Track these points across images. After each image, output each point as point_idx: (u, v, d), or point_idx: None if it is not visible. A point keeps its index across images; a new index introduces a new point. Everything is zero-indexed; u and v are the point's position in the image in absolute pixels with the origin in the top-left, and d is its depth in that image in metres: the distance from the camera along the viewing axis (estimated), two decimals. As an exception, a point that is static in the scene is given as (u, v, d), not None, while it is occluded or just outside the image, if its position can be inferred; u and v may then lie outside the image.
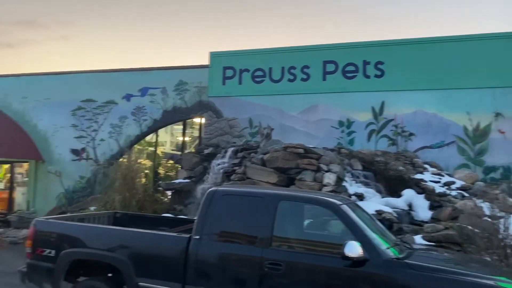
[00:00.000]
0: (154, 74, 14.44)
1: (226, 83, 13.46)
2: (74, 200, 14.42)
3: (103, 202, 11.61)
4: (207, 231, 4.62)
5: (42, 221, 5.31)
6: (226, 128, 13.33)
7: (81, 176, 14.61)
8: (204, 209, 4.71)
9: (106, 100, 14.71)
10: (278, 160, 9.33)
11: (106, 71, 15.00)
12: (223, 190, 4.89)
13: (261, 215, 4.54)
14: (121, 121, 14.54)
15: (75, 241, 4.99)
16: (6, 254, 9.91)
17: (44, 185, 14.95)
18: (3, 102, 15.82)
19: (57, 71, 15.59)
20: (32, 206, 14.78)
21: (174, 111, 14.13)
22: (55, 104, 15.14)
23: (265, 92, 13.01)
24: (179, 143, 18.42)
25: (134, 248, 4.77)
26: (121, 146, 14.42)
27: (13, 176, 15.82)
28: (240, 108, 13.19)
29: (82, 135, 14.82)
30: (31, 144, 15.04)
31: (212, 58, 13.62)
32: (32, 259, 5.09)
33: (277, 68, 12.99)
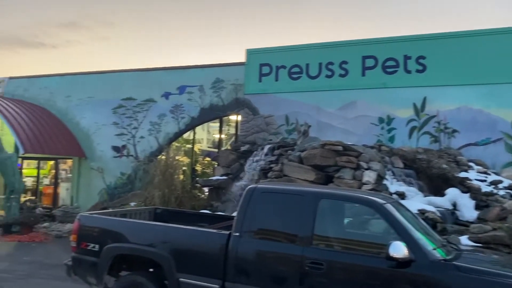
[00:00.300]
0: (192, 72, 14.59)
1: (262, 80, 13.42)
2: (115, 195, 14.80)
3: (143, 198, 11.86)
4: (247, 228, 4.59)
5: (86, 216, 5.45)
6: (262, 125, 13.30)
7: (122, 172, 14.98)
8: (243, 206, 4.69)
9: (145, 98, 15.00)
10: (315, 157, 9.21)
11: (146, 70, 15.29)
12: (262, 188, 4.85)
13: (302, 213, 4.47)
14: (160, 118, 14.80)
15: (118, 236, 5.09)
16: (52, 247, 10.30)
17: (87, 181, 15.44)
18: (49, 101, 16.45)
19: (99, 71, 16.04)
20: (76, 201, 15.29)
21: (211, 108, 14.23)
22: (97, 103, 15.59)
23: (302, 88, 12.89)
24: (215, 140, 18.58)
25: (175, 244, 4.81)
26: (160, 143, 14.69)
27: (57, 172, 16.44)
28: (276, 105, 13.13)
29: (122, 132, 15.19)
30: (75, 142, 15.56)
31: (249, 55, 13.62)
32: (77, 253, 5.24)
33: (314, 64, 12.83)
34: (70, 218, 13.50)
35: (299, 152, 9.66)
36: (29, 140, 13.58)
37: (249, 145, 12.18)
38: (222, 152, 12.61)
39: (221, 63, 14.31)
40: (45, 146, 14.06)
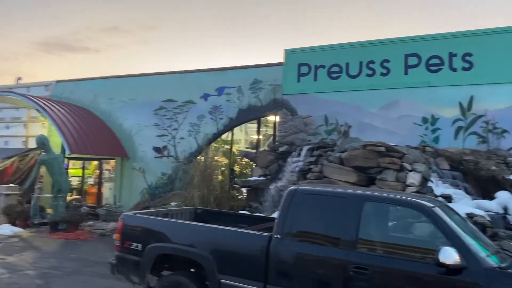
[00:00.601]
0: (230, 74, 14.67)
1: (301, 80, 13.28)
2: (156, 195, 15.10)
3: (183, 197, 12.04)
4: (288, 230, 4.53)
5: (129, 215, 5.55)
6: (300, 126, 13.16)
7: (162, 172, 15.26)
8: (284, 208, 4.62)
9: (185, 100, 15.22)
10: (357, 158, 9.00)
11: (185, 72, 15.51)
12: (304, 189, 4.77)
13: (345, 216, 4.36)
14: (199, 120, 14.97)
15: (160, 236, 5.16)
16: (96, 245, 10.62)
17: (129, 180, 15.83)
18: (93, 103, 17.01)
19: (140, 73, 16.44)
20: (118, 200, 15.72)
21: (249, 109, 14.25)
22: (139, 104, 15.97)
23: (342, 88, 12.64)
24: (253, 141, 18.60)
25: (217, 245, 4.81)
26: (199, 144, 14.85)
27: (101, 172, 16.97)
28: (315, 106, 12.95)
29: (163, 133, 15.48)
30: (118, 142, 16.00)
31: (287, 55, 13.52)
32: (121, 251, 5.34)
33: (355, 63, 12.56)
34: (113, 217, 13.89)
35: (339, 153, 9.48)
36: (75, 141, 14.07)
37: (288, 146, 12.07)
38: (260, 153, 12.57)
39: (259, 64, 14.29)
40: (89, 147, 14.54)
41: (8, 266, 8.07)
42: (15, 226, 12.28)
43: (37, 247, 10.06)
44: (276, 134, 13.87)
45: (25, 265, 8.18)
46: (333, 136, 12.36)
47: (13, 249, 9.64)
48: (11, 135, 18.75)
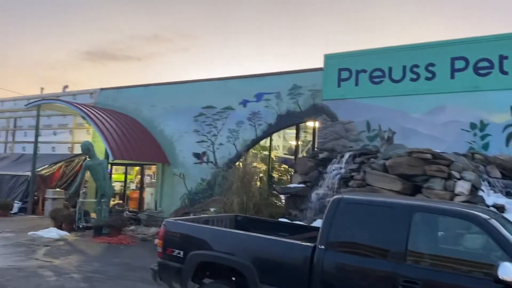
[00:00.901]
0: (269, 80, 14.63)
1: (341, 85, 13.05)
2: (196, 201, 15.22)
3: (222, 203, 12.05)
4: (333, 241, 4.37)
5: (171, 222, 5.55)
6: (341, 132, 12.90)
7: (202, 178, 15.38)
8: (329, 218, 4.47)
9: (224, 106, 15.30)
10: (402, 166, 8.68)
11: (224, 78, 15.62)
12: (349, 199, 4.59)
13: (393, 227, 4.16)
14: (238, 126, 15.00)
15: (201, 243, 5.12)
16: (138, 249, 10.78)
17: (170, 186, 16.07)
18: (135, 110, 17.43)
19: (181, 81, 16.71)
20: (159, 205, 15.97)
21: (288, 115, 14.13)
22: (180, 111, 16.21)
23: (385, 93, 12.31)
24: (291, 147, 18.44)
25: (259, 254, 4.72)
26: (238, 150, 14.87)
27: (143, 178, 17.32)
28: (356, 111, 12.67)
29: (203, 139, 15.62)
30: (159, 148, 16.29)
31: (327, 60, 13.33)
32: (163, 258, 5.35)
33: (398, 67, 12.21)
34: (154, 222, 14.11)
35: (383, 160, 9.18)
36: (118, 147, 14.43)
37: (328, 152, 11.85)
38: (299, 159, 12.41)
39: (298, 69, 14.17)
40: (132, 152, 14.87)
41: (55, 269, 8.31)
42: (61, 229, 12.69)
43: (82, 250, 10.33)
44: (315, 140, 13.67)
45: (70, 268, 8.40)
46: (375, 142, 12.04)
47: (59, 252, 9.95)
48: (58, 141, 19.51)
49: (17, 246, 10.34)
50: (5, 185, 17.69)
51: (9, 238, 11.38)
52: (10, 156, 20.57)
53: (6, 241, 10.89)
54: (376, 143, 11.99)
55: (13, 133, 21.43)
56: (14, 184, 17.49)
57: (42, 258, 9.23)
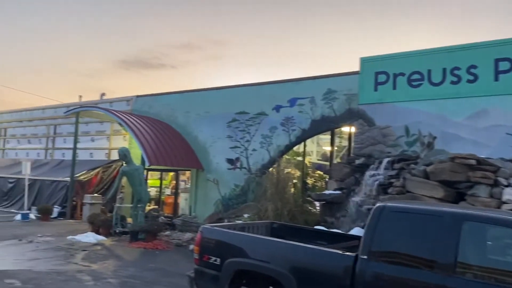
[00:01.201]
0: (303, 84, 14.46)
1: (378, 89, 12.74)
2: (230, 206, 15.19)
3: (256, 210, 11.93)
4: (376, 250, 4.17)
5: (208, 228, 5.49)
6: (378, 137, 12.56)
7: (235, 184, 15.34)
8: (371, 227, 4.27)
9: (257, 111, 15.24)
10: (444, 172, 8.32)
11: (258, 84, 15.56)
12: (392, 206, 4.38)
13: (441, 236, 3.92)
14: (271, 131, 14.89)
15: (238, 250, 5.02)
16: (173, 255, 10.81)
17: (204, 191, 16.12)
18: (170, 116, 17.65)
19: (214, 87, 16.79)
20: (193, 211, 16.04)
21: (322, 120, 13.89)
22: (213, 117, 16.28)
23: (424, 96, 11.92)
24: (325, 153, 18.14)
25: (297, 263, 4.58)
26: (271, 156, 14.74)
27: (177, 183, 17.47)
28: (394, 115, 12.32)
29: (236, 145, 15.60)
30: (193, 154, 16.40)
31: (363, 63, 13.05)
32: (199, 265, 5.28)
33: (438, 70, 11.80)
34: (188, 227, 14.17)
35: (424, 166, 8.84)
36: (154, 153, 14.62)
37: (365, 158, 11.55)
38: (335, 165, 12.16)
39: (333, 73, 13.93)
40: (167, 158, 15.02)
41: (92, 273, 8.42)
42: (99, 234, 12.92)
43: (118, 255, 10.46)
44: (351, 145, 13.37)
45: (107, 273, 8.50)
46: (415, 147, 11.65)
47: (96, 257, 10.10)
48: (95, 147, 20.01)
49: (57, 250, 10.59)
50: (45, 190, 18.26)
51: (50, 242, 11.68)
52: (50, 162, 21.26)
53: (47, 245, 11.18)
54: (416, 148, 11.60)
55: (53, 139, 22.18)
56: (54, 189, 18.03)
57: (81, 263, 9.39)
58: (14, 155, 23.86)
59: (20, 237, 12.14)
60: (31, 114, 23.89)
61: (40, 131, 23.00)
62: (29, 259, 9.40)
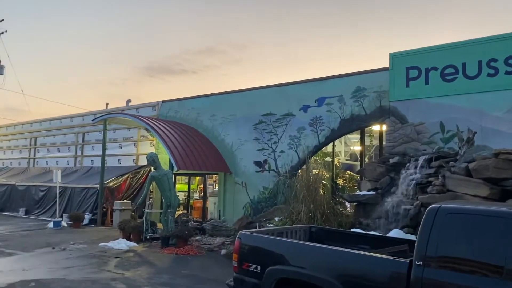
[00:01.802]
0: (331, 83, 14.13)
1: (410, 84, 12.30)
2: (259, 210, 14.98)
3: (288, 213, 11.65)
4: (432, 255, 3.85)
5: (246, 234, 5.27)
6: (412, 135, 12.12)
7: (264, 187, 15.12)
8: (425, 230, 3.96)
9: (284, 112, 15.00)
10: (488, 169, 7.87)
11: (284, 84, 15.31)
12: (448, 208, 4.05)
13: (509, 239, 3.57)
14: (299, 132, 14.61)
15: (280, 257, 4.78)
16: (205, 260, 10.65)
17: (232, 195, 15.96)
18: (196, 120, 17.59)
19: (240, 89, 16.62)
20: (222, 215, 15.89)
21: (352, 119, 13.53)
22: (239, 120, 16.12)
23: (459, 91, 11.44)
24: (354, 152, 17.73)
25: (344, 270, 4.30)
26: (300, 157, 14.47)
27: (205, 187, 17.37)
28: (428, 112, 11.87)
29: (263, 147, 15.39)
30: (220, 158, 16.26)
31: (393, 59, 12.63)
32: (239, 273, 5.07)
33: (473, 63, 11.30)
34: (218, 231, 14.02)
35: (465, 163, 8.40)
36: (182, 158, 14.54)
37: (399, 157, 11.14)
38: (368, 165, 11.77)
39: (362, 70, 13.54)
40: (195, 163, 14.92)
41: (126, 281, 8.33)
42: (130, 240, 12.90)
43: (151, 262, 10.37)
44: (383, 144, 12.96)
45: (141, 281, 8.39)
46: (451, 144, 11.19)
47: (129, 264, 10.03)
48: (123, 153, 20.13)
49: (90, 258, 10.58)
50: (76, 197, 18.46)
51: (82, 249, 11.71)
52: (80, 169, 21.53)
53: (79, 253, 11.21)
54: (453, 145, 11.13)
55: (82, 147, 22.46)
56: (84, 196, 18.20)
57: (114, 270, 9.33)
58: (44, 164, 24.31)
59: (53, 245, 12.22)
60: (60, 123, 24.29)
61: (69, 139, 23.35)
62: (63, 267, 9.40)
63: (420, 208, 8.93)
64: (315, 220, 10.50)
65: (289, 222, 10.96)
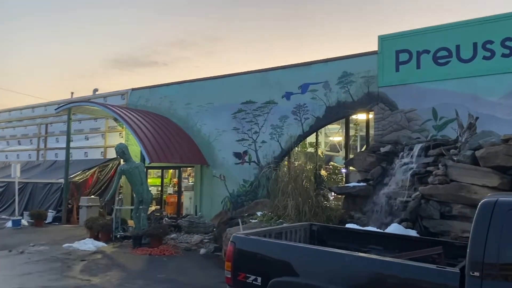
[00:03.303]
0: (315, 68, 13.25)
1: (400, 69, 11.58)
2: (239, 204, 14.03)
3: (272, 208, 10.73)
4: (493, 264, 2.99)
5: (241, 237, 4.29)
6: (402, 122, 11.43)
7: (244, 179, 14.17)
8: (480, 231, 3.11)
9: (265, 100, 14.04)
10: (498, 156, 7.17)
11: (264, 70, 14.32)
12: (507, 202, 3.20)
13: None
14: (281, 121, 13.70)
15: (286, 266, 3.84)
16: (183, 262, 9.63)
17: (210, 189, 14.94)
18: (169, 109, 16.39)
19: (217, 75, 15.51)
20: (199, 210, 14.86)
21: (338, 106, 12.71)
22: (217, 108, 15.06)
23: (452, 75, 10.79)
24: (334, 143, 16.99)
25: (372, 283, 3.40)
26: (283, 148, 13.60)
27: (180, 181, 16.26)
28: (419, 97, 11.19)
29: (243, 137, 14.40)
30: (196, 149, 15.19)
31: (382, 42, 11.87)
32: (233, 285, 4.09)
33: (467, 45, 10.66)
34: (195, 228, 13.00)
35: (470, 151, 7.69)
36: (154, 150, 13.40)
37: (391, 145, 10.39)
38: (358, 155, 10.98)
39: (348, 54, 12.72)
40: (169, 155, 13.81)
41: (94, 289, 7.24)
42: (98, 240, 11.74)
43: (122, 265, 9.26)
44: (373, 132, 12.20)
45: (111, 288, 7.32)
46: (445, 132, 10.56)
47: (97, 268, 8.90)
48: (90, 146, 18.73)
49: (52, 262, 9.38)
50: (38, 193, 16.97)
51: (43, 252, 10.47)
52: (43, 163, 19.95)
53: (40, 256, 9.97)
54: (447, 132, 10.50)
55: (44, 139, 20.82)
56: (47, 192, 16.75)
57: (79, 276, 8.19)
58: (4, 158, 22.46)
59: (10, 247, 10.92)
60: (21, 113, 22.50)
61: (31, 131, 21.65)
62: (19, 274, 8.19)
63: (421, 200, 8.21)
64: (304, 214, 9.62)
65: (275, 217, 10.05)
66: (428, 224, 7.97)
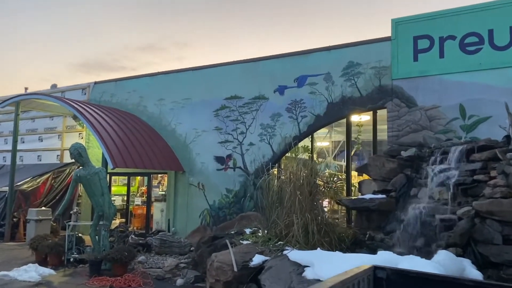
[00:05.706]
0: (314, 58, 11.28)
1: (419, 58, 9.77)
2: (220, 218, 11.84)
3: (268, 225, 8.56)
4: None
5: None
6: (422, 121, 9.59)
7: (227, 189, 12.01)
8: None
9: (254, 95, 11.96)
10: None
11: (254, 60, 12.26)
12: None
13: None
14: (273, 120, 11.65)
15: None
16: (155, 297, 7.31)
17: (185, 200, 12.69)
18: (138, 106, 14.09)
19: (196, 67, 13.31)
20: (173, 225, 12.55)
21: (343, 102, 10.78)
22: (196, 105, 12.88)
23: (484, 65, 9.09)
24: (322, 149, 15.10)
25: None
26: (275, 151, 11.52)
27: (150, 190, 13.88)
28: (443, 92, 9.42)
29: (227, 139, 12.24)
30: (170, 152, 12.92)
31: (396, 26, 10.04)
32: None
33: (502, 29, 8.98)
34: (169, 248, 10.74)
35: (547, 154, 5.81)
36: (120, 153, 11.07)
37: (416, 148, 8.47)
38: (373, 160, 8.97)
39: (355, 41, 10.81)
40: (137, 159, 11.49)
41: None
42: (46, 265, 9.29)
43: (72, 304, 6.87)
44: (376, 134, 10.31)
45: None
46: (476, 133, 8.78)
47: (36, 310, 6.48)
48: (44, 148, 16.10)
49: (-27, 301, 6.88)
50: (-23, 204, 14.16)
51: (-32, 284, 7.91)
52: (-13, 168, 17.08)
53: (-40, 291, 7.43)
54: (478, 134, 8.71)
55: (-9, 141, 17.94)
56: (-11, 202, 13.98)
57: (7, 327, 5.77)
58: None
59: None
60: (-37, 111, 19.48)
61: (-26, 131, 18.71)
62: None
63: (474, 219, 6.27)
64: (313, 235, 7.52)
65: (273, 238, 7.89)
66: (486, 250, 6.04)
